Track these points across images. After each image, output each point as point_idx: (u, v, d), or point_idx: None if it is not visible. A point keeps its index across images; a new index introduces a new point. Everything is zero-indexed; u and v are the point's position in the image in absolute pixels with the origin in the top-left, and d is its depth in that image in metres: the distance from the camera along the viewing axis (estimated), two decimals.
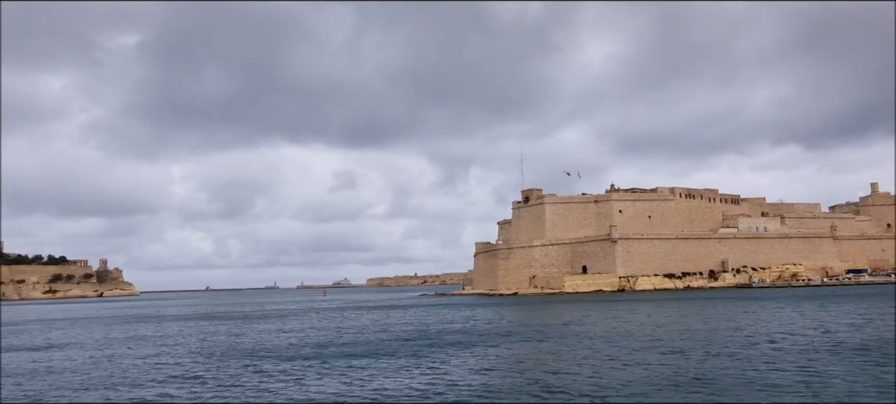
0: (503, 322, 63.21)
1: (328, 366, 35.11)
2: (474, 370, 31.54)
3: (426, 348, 41.84)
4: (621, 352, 36.30)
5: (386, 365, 34.35)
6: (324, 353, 40.99)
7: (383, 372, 32.09)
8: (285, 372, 33.67)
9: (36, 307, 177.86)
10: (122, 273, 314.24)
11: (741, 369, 28.87)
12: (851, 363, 30.00)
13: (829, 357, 32.15)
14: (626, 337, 44.38)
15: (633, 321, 57.94)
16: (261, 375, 32.85)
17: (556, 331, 50.15)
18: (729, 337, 42.28)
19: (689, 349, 36.54)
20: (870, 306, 67.04)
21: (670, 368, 29.65)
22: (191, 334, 61.76)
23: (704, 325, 51.18)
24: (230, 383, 30.68)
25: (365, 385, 28.54)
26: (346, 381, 29.73)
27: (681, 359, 32.54)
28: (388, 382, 28.88)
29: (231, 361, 39.09)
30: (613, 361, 32.87)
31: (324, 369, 34.18)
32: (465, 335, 49.91)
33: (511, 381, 27.80)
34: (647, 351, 36.25)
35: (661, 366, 30.40)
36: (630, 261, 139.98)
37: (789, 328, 47.07)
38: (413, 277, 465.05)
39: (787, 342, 38.64)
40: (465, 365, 33.15)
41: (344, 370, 33.37)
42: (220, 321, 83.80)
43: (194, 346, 49.20)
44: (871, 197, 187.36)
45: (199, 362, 39.27)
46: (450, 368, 32.37)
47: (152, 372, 35.40)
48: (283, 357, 40.22)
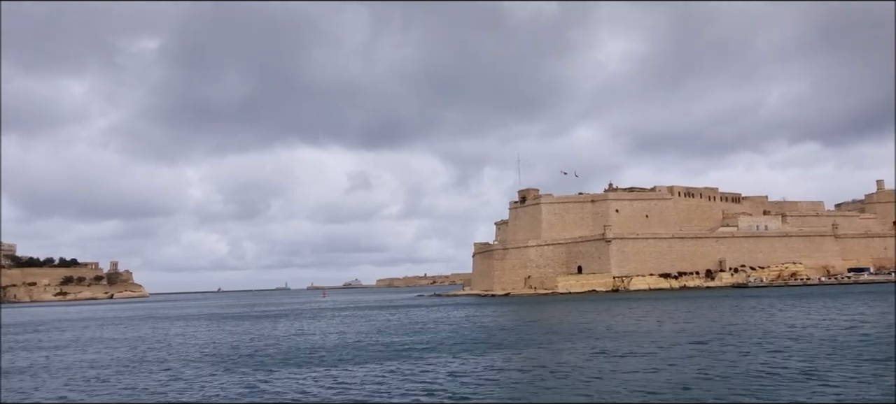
0: (466, 325, 63.25)
1: (226, 373, 35.43)
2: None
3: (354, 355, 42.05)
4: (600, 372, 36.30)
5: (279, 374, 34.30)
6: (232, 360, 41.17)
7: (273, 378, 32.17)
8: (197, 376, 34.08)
9: (36, 309, 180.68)
10: (132, 275, 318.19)
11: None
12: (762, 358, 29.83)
13: (735, 355, 31.97)
14: (591, 347, 44.31)
15: (600, 323, 57.78)
16: (173, 378, 33.29)
17: (510, 339, 50.11)
18: (654, 335, 42.13)
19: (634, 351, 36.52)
20: (838, 305, 66.27)
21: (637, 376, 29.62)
22: (161, 333, 62.55)
23: (657, 326, 50.97)
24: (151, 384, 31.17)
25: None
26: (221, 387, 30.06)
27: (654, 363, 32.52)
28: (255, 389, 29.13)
29: (182, 359, 39.62)
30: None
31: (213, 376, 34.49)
32: (416, 337, 50.11)
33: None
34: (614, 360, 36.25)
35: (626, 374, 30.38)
36: (625, 261, 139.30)
37: (726, 327, 46.77)
38: (423, 278, 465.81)
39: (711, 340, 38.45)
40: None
41: (242, 377, 33.54)
42: (197, 321, 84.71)
43: (156, 345, 49.88)
44: (877, 194, 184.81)
45: (145, 360, 39.85)
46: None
47: (91, 372, 35.97)
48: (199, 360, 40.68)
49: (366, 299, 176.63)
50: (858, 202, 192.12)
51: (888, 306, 62.91)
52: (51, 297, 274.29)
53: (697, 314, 62.88)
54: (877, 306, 63.73)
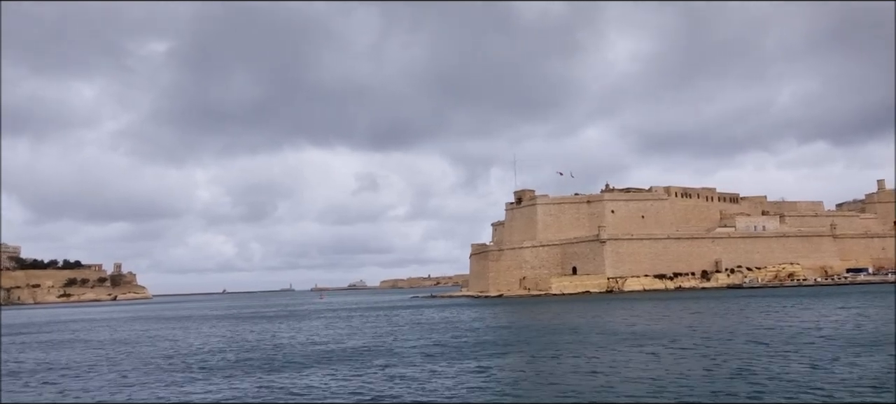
0: (437, 328, 63.11)
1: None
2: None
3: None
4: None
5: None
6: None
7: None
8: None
9: (32, 311, 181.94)
10: (135, 277, 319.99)
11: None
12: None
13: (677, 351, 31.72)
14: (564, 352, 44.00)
15: (585, 327, 57.51)
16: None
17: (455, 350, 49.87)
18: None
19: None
20: (810, 305, 65.76)
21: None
22: (138, 333, 62.79)
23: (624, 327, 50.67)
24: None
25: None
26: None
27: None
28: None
29: (149, 357, 39.74)
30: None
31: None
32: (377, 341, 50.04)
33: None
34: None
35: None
36: (619, 262, 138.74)
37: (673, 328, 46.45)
38: (427, 279, 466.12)
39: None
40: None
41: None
42: (175, 322, 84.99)
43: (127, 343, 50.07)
44: (877, 194, 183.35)
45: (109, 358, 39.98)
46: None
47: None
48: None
49: (362, 300, 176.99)
50: (859, 202, 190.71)
51: (856, 306, 62.50)
52: (54, 299, 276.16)
53: (678, 315, 62.56)
54: (848, 307, 63.21)
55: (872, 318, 50.22)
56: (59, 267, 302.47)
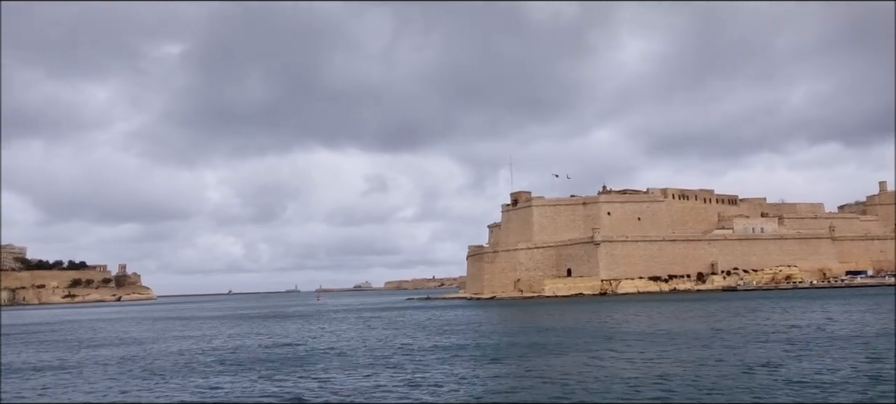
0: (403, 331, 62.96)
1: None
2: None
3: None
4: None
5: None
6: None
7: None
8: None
9: (29, 312, 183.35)
10: (140, 278, 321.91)
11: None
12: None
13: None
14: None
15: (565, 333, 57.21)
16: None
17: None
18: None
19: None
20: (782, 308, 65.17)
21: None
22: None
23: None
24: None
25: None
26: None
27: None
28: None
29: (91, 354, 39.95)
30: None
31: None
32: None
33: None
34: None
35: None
36: (614, 264, 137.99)
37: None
38: (431, 280, 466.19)
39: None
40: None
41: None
42: (155, 322, 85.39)
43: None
44: (879, 196, 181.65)
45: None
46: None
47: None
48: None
49: (359, 302, 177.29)
50: (861, 204, 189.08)
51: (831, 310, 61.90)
52: (59, 300, 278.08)
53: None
54: (810, 311, 62.62)
55: (840, 322, 49.72)
56: (64, 267, 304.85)
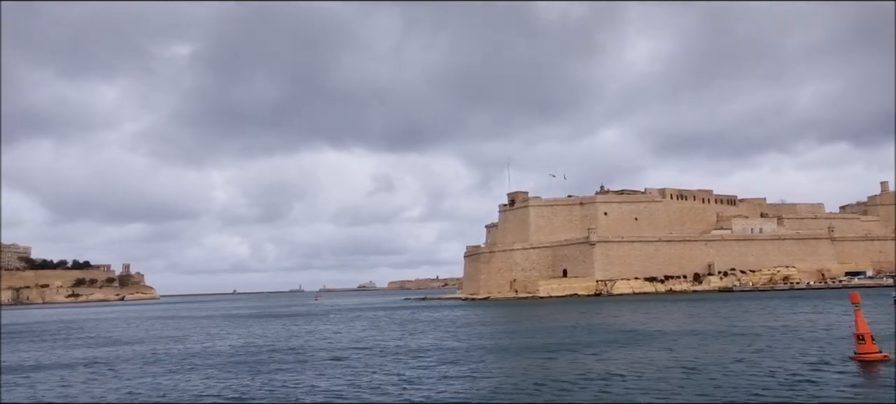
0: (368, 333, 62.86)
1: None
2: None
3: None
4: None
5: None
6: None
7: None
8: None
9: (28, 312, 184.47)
10: (143, 277, 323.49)
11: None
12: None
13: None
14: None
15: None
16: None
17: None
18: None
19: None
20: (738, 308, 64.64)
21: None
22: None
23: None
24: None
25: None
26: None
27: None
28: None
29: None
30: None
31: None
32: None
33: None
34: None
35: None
36: (609, 265, 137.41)
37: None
38: (435, 280, 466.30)
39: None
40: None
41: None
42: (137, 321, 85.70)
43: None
44: (880, 196, 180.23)
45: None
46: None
47: None
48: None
49: (355, 302, 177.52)
50: (863, 204, 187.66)
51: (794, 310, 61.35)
52: (63, 299, 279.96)
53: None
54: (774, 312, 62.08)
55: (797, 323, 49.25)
56: (68, 267, 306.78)
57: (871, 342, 27.20)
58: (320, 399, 24.80)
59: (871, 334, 27.46)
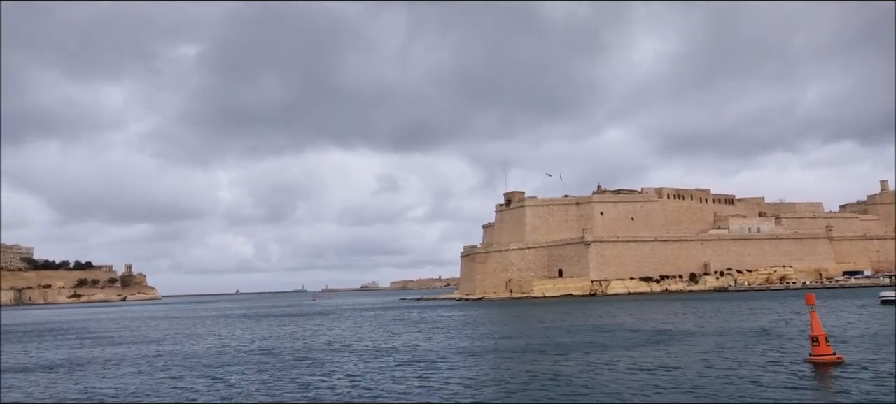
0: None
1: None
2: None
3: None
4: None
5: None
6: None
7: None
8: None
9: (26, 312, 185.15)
10: (145, 277, 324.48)
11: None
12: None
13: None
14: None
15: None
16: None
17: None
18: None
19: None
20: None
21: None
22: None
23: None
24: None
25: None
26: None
27: None
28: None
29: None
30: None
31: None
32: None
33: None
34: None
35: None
36: (604, 265, 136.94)
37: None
38: (437, 280, 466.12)
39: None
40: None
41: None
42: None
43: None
44: (880, 196, 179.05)
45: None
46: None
47: None
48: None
49: (352, 302, 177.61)
50: (863, 203, 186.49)
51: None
52: (65, 299, 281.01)
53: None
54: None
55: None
56: (70, 268, 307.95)
57: (826, 344, 26.90)
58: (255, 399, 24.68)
59: (825, 336, 27.15)
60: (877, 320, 49.53)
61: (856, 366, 26.11)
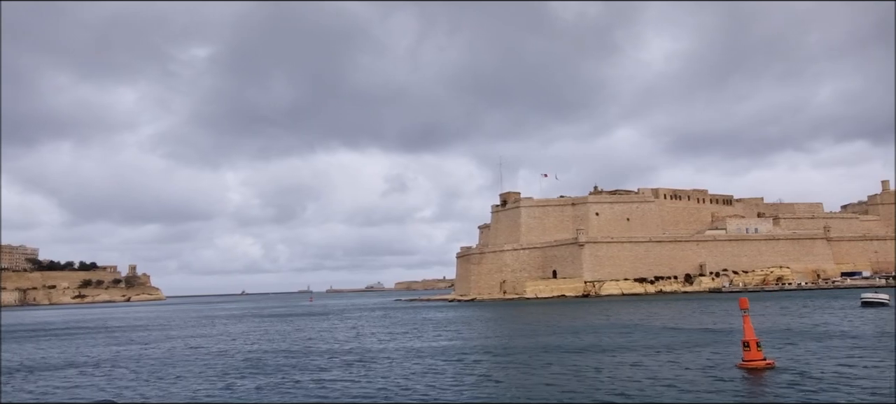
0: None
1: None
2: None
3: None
4: None
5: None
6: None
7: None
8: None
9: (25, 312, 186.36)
10: (149, 278, 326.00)
11: None
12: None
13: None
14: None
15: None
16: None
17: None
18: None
19: None
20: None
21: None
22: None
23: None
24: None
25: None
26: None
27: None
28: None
29: None
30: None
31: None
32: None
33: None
34: None
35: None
36: (598, 266, 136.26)
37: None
38: (442, 280, 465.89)
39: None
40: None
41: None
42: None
43: None
44: (881, 196, 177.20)
45: None
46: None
47: None
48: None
49: (348, 303, 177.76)
50: (864, 204, 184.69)
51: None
52: (69, 300, 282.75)
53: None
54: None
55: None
56: (74, 268, 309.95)
57: (757, 349, 26.51)
58: (178, 399, 24.60)
59: (757, 341, 26.76)
60: (846, 322, 48.92)
61: (786, 371, 25.71)
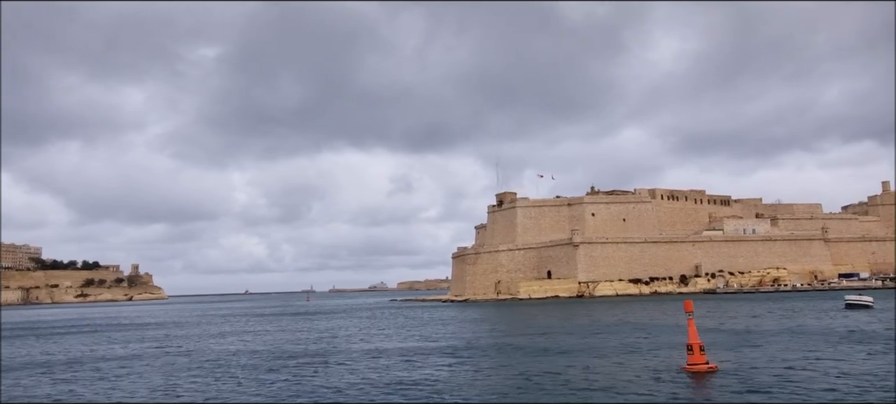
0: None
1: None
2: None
3: None
4: None
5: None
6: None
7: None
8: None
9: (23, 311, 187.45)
10: (151, 277, 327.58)
11: None
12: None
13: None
14: None
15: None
16: None
17: None
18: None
19: None
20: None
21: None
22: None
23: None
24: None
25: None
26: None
27: None
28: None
29: None
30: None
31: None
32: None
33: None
34: None
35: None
36: (593, 266, 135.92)
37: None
38: (444, 280, 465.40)
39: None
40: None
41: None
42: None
43: None
44: (880, 196, 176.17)
45: None
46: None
47: None
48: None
49: (345, 303, 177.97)
50: (864, 204, 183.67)
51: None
52: (72, 299, 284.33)
53: None
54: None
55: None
56: (77, 267, 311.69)
57: (700, 353, 26.41)
58: (138, 398, 24.73)
59: (700, 345, 26.65)
60: (824, 324, 48.62)
61: (728, 375, 25.60)
